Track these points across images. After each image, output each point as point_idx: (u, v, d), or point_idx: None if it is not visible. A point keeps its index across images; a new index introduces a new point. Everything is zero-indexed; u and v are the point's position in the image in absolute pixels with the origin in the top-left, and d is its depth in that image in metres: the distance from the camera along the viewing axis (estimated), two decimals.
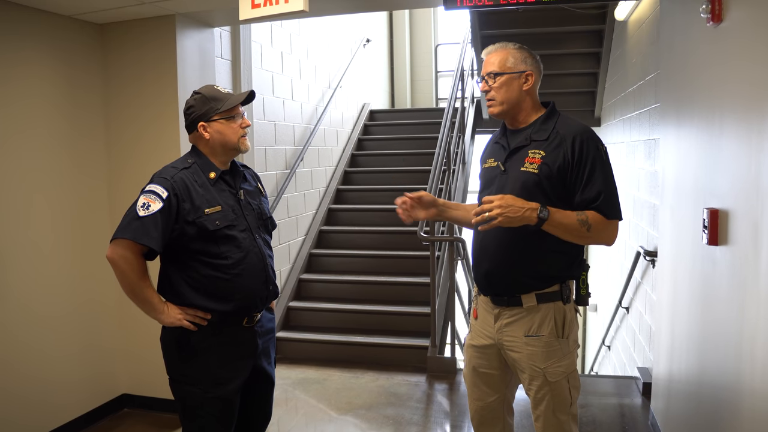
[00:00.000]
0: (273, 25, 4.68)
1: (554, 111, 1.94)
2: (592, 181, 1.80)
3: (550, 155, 1.84)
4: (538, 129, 1.90)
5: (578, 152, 1.81)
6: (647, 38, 3.75)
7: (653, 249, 3.46)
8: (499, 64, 1.92)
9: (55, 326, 3.07)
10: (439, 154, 4.61)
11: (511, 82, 1.90)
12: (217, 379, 1.94)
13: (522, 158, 1.88)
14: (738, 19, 1.79)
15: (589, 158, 1.80)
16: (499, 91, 1.91)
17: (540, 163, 1.84)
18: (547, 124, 1.90)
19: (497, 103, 1.92)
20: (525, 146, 1.90)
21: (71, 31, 3.13)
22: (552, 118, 1.92)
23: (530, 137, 1.90)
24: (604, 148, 1.86)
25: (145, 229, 1.80)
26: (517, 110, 1.93)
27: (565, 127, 1.87)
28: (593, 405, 3.43)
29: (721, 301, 1.93)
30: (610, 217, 1.80)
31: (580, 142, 1.81)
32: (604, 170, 1.82)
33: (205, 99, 1.97)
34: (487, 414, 2.04)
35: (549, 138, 1.87)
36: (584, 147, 1.81)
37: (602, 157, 1.83)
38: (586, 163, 1.80)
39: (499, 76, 1.91)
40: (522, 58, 1.92)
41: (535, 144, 1.88)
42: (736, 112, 1.82)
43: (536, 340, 1.86)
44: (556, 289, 1.86)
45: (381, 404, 3.51)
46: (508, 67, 1.91)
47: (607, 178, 1.82)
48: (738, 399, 1.76)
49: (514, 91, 1.91)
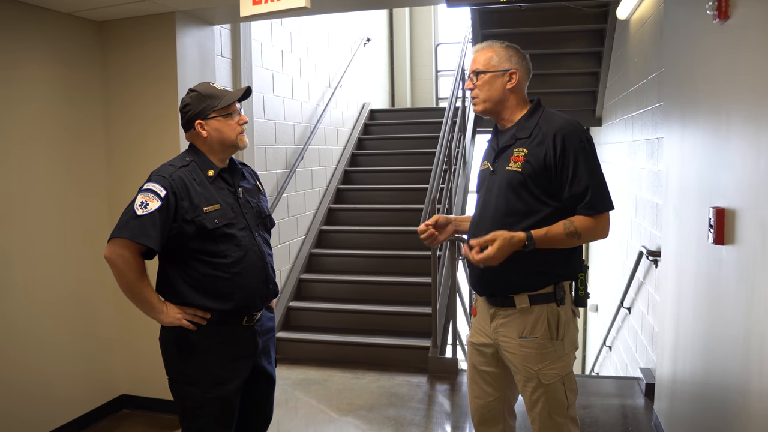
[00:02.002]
0: (273, 24, 4.66)
1: (538, 107, 1.93)
2: (578, 176, 1.78)
3: (533, 152, 1.82)
4: (522, 127, 1.89)
5: (561, 147, 1.79)
6: (650, 37, 3.73)
7: (656, 249, 3.44)
8: (484, 62, 1.91)
9: (53, 327, 3.04)
10: (441, 154, 4.59)
11: (494, 80, 1.90)
12: (216, 378, 1.92)
13: (508, 157, 1.87)
14: (745, 16, 1.77)
15: (572, 152, 1.78)
16: (482, 89, 1.91)
17: (523, 161, 1.83)
18: (531, 121, 1.89)
19: (480, 101, 1.93)
20: (511, 145, 1.89)
21: (70, 29, 3.10)
22: (535, 114, 1.90)
23: (515, 136, 1.89)
24: (588, 138, 1.83)
25: (144, 228, 1.78)
26: (500, 108, 1.93)
27: (548, 122, 1.85)
28: (595, 406, 3.41)
29: (727, 301, 1.91)
30: (600, 211, 1.79)
31: (561, 138, 1.79)
32: (589, 163, 1.80)
33: (201, 96, 1.94)
34: (487, 413, 2.03)
35: (532, 135, 1.85)
36: (566, 141, 1.79)
37: (585, 149, 1.80)
38: (569, 157, 1.78)
39: (483, 74, 1.91)
40: (507, 57, 1.91)
41: (520, 142, 1.87)
42: (743, 110, 1.80)
43: (530, 342, 1.84)
44: (550, 290, 1.85)
45: (382, 405, 3.48)
46: (492, 65, 1.90)
47: (593, 171, 1.80)
48: (746, 400, 1.74)
49: (497, 90, 1.90)
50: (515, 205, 1.83)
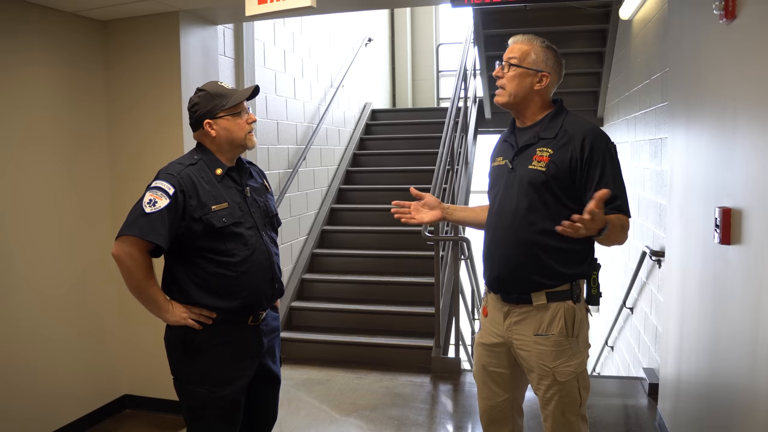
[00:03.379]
0: (276, 24, 4.66)
1: (562, 109, 1.92)
2: (604, 181, 1.77)
3: (558, 153, 1.81)
4: (546, 127, 1.88)
5: (588, 152, 1.78)
6: (653, 37, 3.73)
7: (660, 249, 3.44)
8: (520, 55, 1.88)
9: (56, 327, 3.04)
10: (443, 154, 4.59)
11: (524, 77, 1.88)
12: (222, 378, 1.91)
13: (530, 156, 1.86)
14: (753, 15, 1.77)
15: (599, 158, 1.78)
16: (511, 81, 1.89)
17: (548, 161, 1.82)
18: (555, 122, 1.88)
19: (506, 94, 1.90)
20: (533, 144, 1.87)
21: (73, 29, 3.09)
22: (560, 116, 1.89)
23: (538, 135, 1.88)
24: (613, 145, 1.84)
25: (152, 225, 1.77)
26: (523, 106, 1.91)
27: (574, 125, 1.85)
28: (599, 406, 3.41)
29: (734, 301, 1.90)
30: (628, 215, 1.80)
31: (590, 142, 1.79)
32: (615, 169, 1.80)
33: (209, 96, 1.94)
34: (496, 414, 2.02)
35: (557, 136, 1.84)
36: (594, 146, 1.79)
37: (613, 156, 1.81)
38: (596, 162, 1.78)
39: (515, 67, 1.88)
40: (544, 58, 1.89)
41: (543, 142, 1.86)
42: (750, 110, 1.80)
43: (546, 339, 1.84)
44: (567, 287, 1.84)
45: (385, 405, 3.48)
46: (527, 61, 1.88)
47: (619, 177, 1.81)
48: (753, 401, 1.73)
49: (525, 88, 1.88)
50: (537, 204, 1.82)
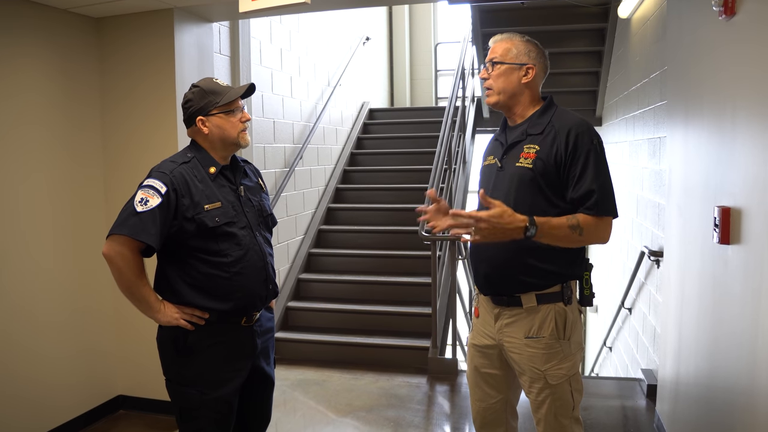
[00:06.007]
0: (272, 22, 4.63)
1: (551, 104, 1.89)
2: (584, 177, 1.73)
3: (545, 149, 1.78)
4: (534, 123, 1.85)
5: (572, 146, 1.75)
6: (652, 35, 3.71)
7: (658, 249, 3.41)
8: (502, 52, 1.88)
9: (50, 327, 3.01)
10: (441, 153, 4.56)
11: (510, 72, 1.86)
12: (214, 379, 1.89)
13: (518, 154, 1.83)
14: (752, 12, 1.75)
15: (582, 152, 1.74)
16: (497, 80, 1.88)
17: (534, 158, 1.78)
18: (543, 118, 1.85)
19: (494, 93, 1.89)
20: (521, 141, 1.85)
21: (67, 25, 3.06)
22: (548, 111, 1.86)
23: (526, 132, 1.85)
24: (599, 141, 1.79)
25: (143, 225, 1.75)
26: (513, 102, 1.89)
27: (560, 120, 1.82)
28: (596, 407, 3.39)
29: (733, 301, 1.88)
30: (601, 214, 1.72)
31: (575, 136, 1.75)
32: (598, 165, 1.75)
33: (203, 92, 1.91)
34: (489, 416, 2.00)
35: (544, 132, 1.81)
36: (578, 140, 1.75)
37: (596, 151, 1.76)
38: (579, 156, 1.74)
39: (499, 65, 1.87)
40: (526, 51, 1.87)
41: (531, 138, 1.83)
42: (750, 108, 1.78)
43: (536, 342, 1.81)
44: (557, 289, 1.81)
45: (381, 406, 3.45)
46: (509, 57, 1.87)
47: (601, 173, 1.75)
48: (752, 402, 1.71)
49: (512, 83, 1.86)
50: (524, 203, 1.78)
